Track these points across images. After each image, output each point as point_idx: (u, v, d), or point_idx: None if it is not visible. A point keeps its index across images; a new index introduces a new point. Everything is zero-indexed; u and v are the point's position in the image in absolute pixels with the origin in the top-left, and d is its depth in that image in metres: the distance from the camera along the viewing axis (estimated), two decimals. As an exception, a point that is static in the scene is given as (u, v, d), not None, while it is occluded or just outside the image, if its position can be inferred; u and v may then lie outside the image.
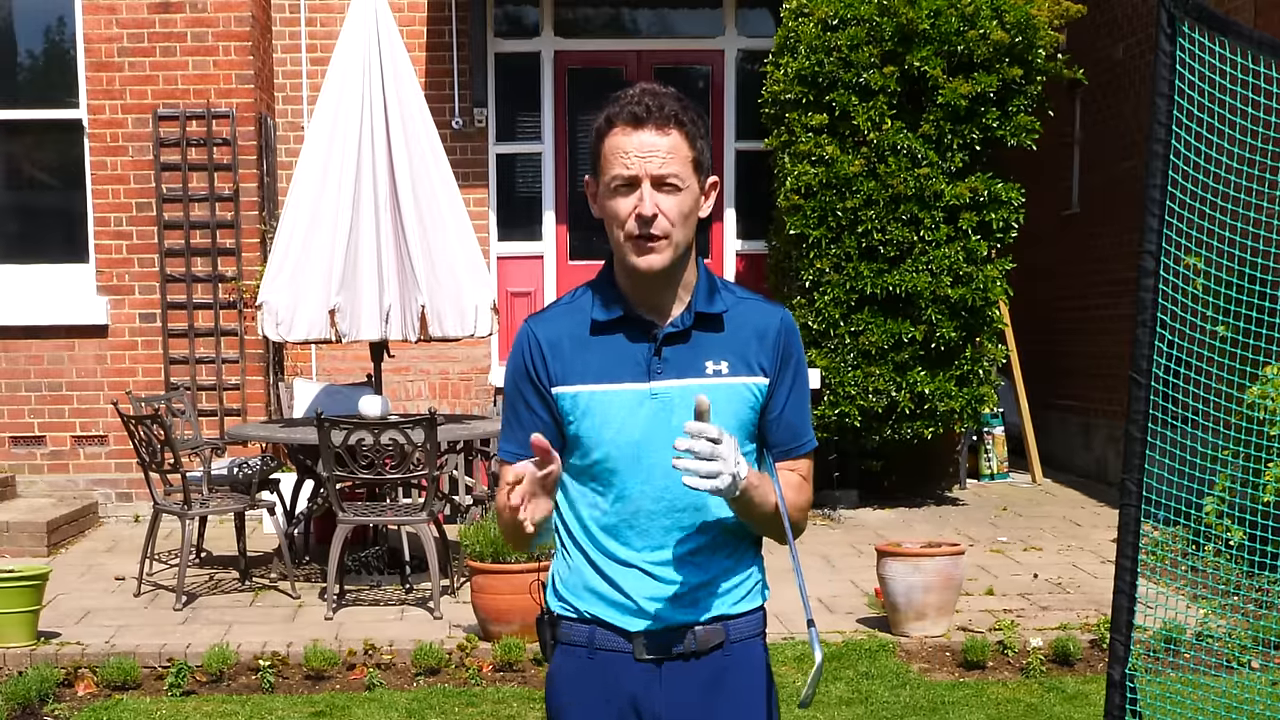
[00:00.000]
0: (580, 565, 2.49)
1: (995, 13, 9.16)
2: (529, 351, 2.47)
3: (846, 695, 5.73)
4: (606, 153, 2.39)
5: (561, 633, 2.51)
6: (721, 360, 2.43)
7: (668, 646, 2.44)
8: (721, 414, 2.38)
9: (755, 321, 2.48)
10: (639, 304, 2.44)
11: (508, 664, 6.07)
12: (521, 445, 2.44)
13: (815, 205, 9.20)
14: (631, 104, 2.37)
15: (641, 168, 2.35)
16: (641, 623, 2.44)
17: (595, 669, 2.46)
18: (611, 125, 2.38)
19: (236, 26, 9.63)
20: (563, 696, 2.51)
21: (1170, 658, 5.40)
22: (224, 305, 9.72)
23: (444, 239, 7.49)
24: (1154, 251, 3.39)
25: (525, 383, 2.47)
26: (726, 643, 2.47)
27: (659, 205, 2.35)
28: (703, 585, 2.45)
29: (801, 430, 2.53)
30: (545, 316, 2.51)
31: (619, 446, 2.41)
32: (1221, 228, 4.28)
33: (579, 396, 2.42)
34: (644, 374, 2.41)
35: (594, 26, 11.16)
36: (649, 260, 2.37)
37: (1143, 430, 3.42)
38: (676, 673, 2.45)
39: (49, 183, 10.23)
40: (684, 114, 2.38)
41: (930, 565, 6.25)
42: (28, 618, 6.30)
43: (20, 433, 9.65)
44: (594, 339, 2.44)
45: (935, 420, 9.42)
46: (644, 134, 2.35)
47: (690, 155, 2.38)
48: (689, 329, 2.44)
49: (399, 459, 6.92)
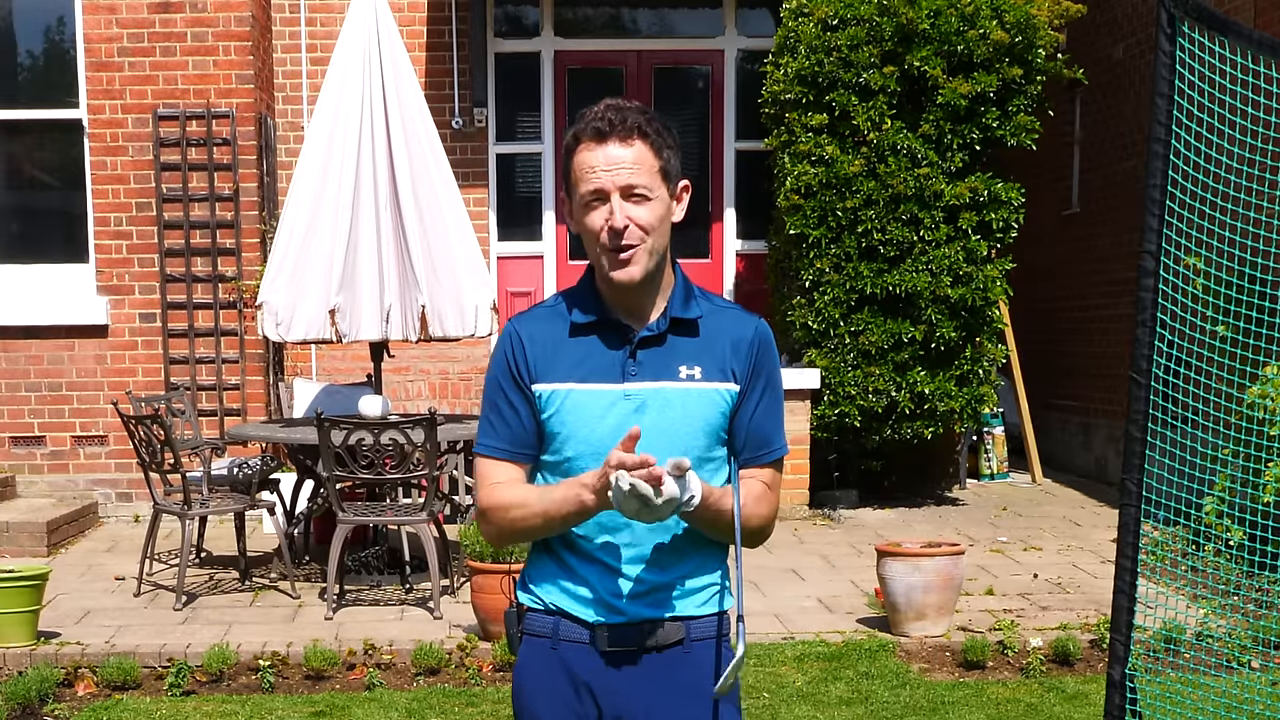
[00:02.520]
0: (548, 559, 2.57)
1: (995, 13, 9.16)
2: (512, 349, 2.54)
3: (846, 695, 5.73)
4: (575, 169, 2.46)
5: (527, 624, 2.58)
6: (695, 365, 2.50)
7: (627, 640, 2.51)
8: (691, 417, 2.49)
9: (731, 330, 2.55)
10: (617, 308, 2.52)
11: (508, 664, 6.06)
12: (499, 440, 2.54)
13: (815, 205, 9.19)
14: (595, 120, 2.45)
15: (609, 180, 2.42)
16: (603, 615, 2.51)
17: (557, 659, 2.54)
18: (578, 141, 2.46)
19: (236, 26, 9.63)
20: (526, 686, 2.59)
21: (1170, 658, 5.40)
22: (224, 305, 9.72)
23: (444, 239, 7.49)
24: (1154, 251, 3.39)
25: (507, 379, 2.54)
26: (687, 640, 2.53)
27: (630, 216, 2.43)
28: (665, 585, 2.52)
29: (769, 438, 2.58)
30: (528, 317, 2.59)
31: (589, 444, 2.47)
32: (1221, 228, 4.28)
33: (556, 394, 2.49)
34: (619, 375, 2.48)
35: (594, 26, 11.17)
36: (627, 273, 2.45)
37: (1143, 430, 3.42)
38: (635, 666, 2.52)
39: (49, 183, 10.23)
40: (647, 125, 2.45)
41: (930, 565, 6.25)
42: (28, 618, 6.30)
43: (20, 433, 9.65)
44: (572, 340, 2.52)
45: (935, 420, 9.41)
46: (609, 148, 2.43)
47: (656, 164, 2.46)
48: (664, 333, 2.51)
49: (399, 459, 6.92)
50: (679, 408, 2.48)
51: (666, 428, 2.46)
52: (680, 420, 2.48)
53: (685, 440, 2.47)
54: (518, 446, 2.54)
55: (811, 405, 9.25)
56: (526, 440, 2.53)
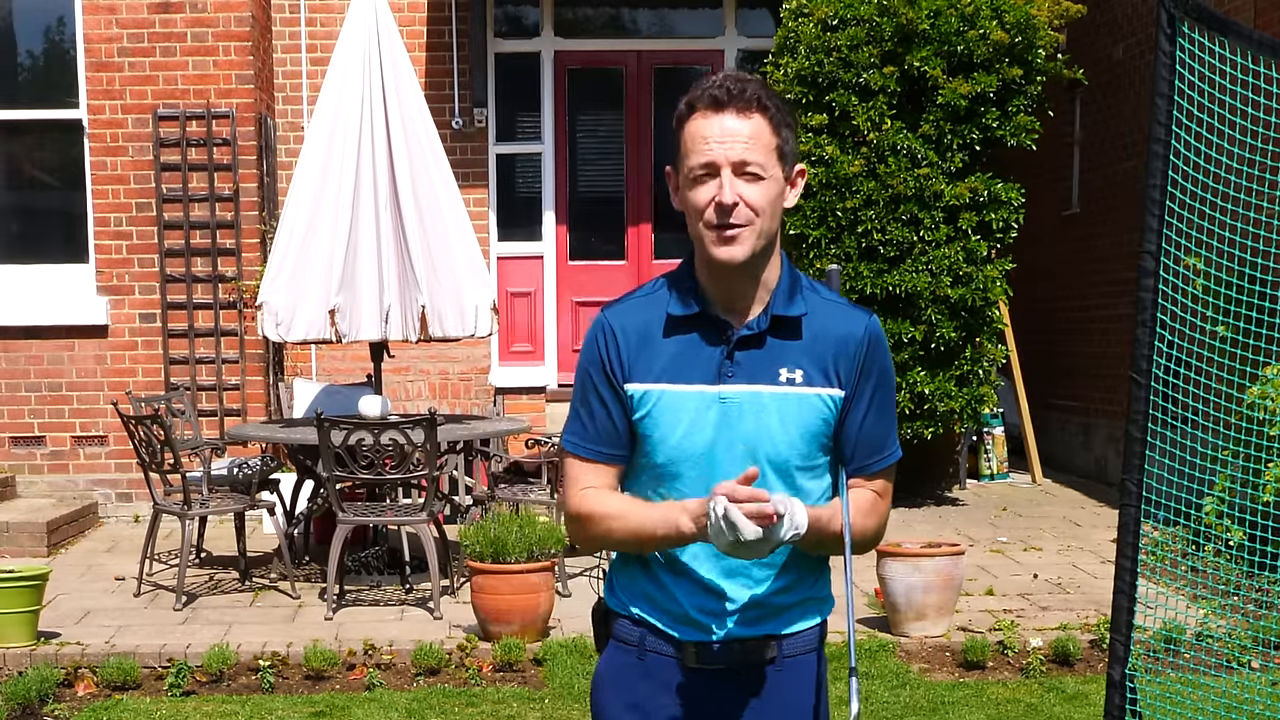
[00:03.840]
0: (636, 567, 2.44)
1: (995, 13, 9.16)
2: (604, 342, 2.38)
3: (846, 695, 5.71)
4: (686, 140, 2.29)
5: (615, 629, 2.46)
6: (797, 368, 2.34)
7: (717, 659, 2.38)
8: (789, 424, 2.33)
9: (837, 328, 2.37)
10: (717, 301, 2.35)
11: (507, 664, 6.07)
12: (590, 440, 2.39)
13: (815, 205, 9.19)
14: (713, 88, 2.28)
15: (723, 154, 2.25)
16: (692, 634, 2.38)
17: (644, 670, 2.42)
18: (692, 110, 2.29)
19: (236, 26, 9.63)
20: (608, 693, 2.47)
21: (1170, 658, 5.40)
22: (224, 305, 9.71)
23: (444, 239, 7.49)
24: (1154, 251, 3.39)
25: (599, 374, 2.38)
26: (779, 657, 2.41)
27: (740, 193, 2.25)
28: (758, 603, 2.38)
29: (882, 445, 2.41)
30: (621, 308, 2.42)
31: (683, 451, 2.34)
32: (1221, 228, 4.28)
33: (649, 394, 2.35)
34: (714, 376, 2.33)
35: (594, 26, 11.16)
36: (730, 251, 2.27)
37: (1143, 430, 3.42)
38: (725, 683, 2.39)
39: (49, 183, 10.23)
40: (768, 99, 2.28)
41: (930, 565, 6.25)
42: (28, 618, 6.29)
43: (20, 433, 9.65)
44: (667, 336, 2.36)
45: (935, 420, 9.41)
46: (725, 118, 2.26)
47: (774, 142, 2.29)
48: (764, 332, 2.34)
49: (399, 459, 6.92)
50: (775, 413, 2.32)
51: (764, 435, 2.32)
52: (777, 427, 2.32)
53: (784, 448, 2.33)
54: (610, 447, 2.38)
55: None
56: (618, 441, 2.38)
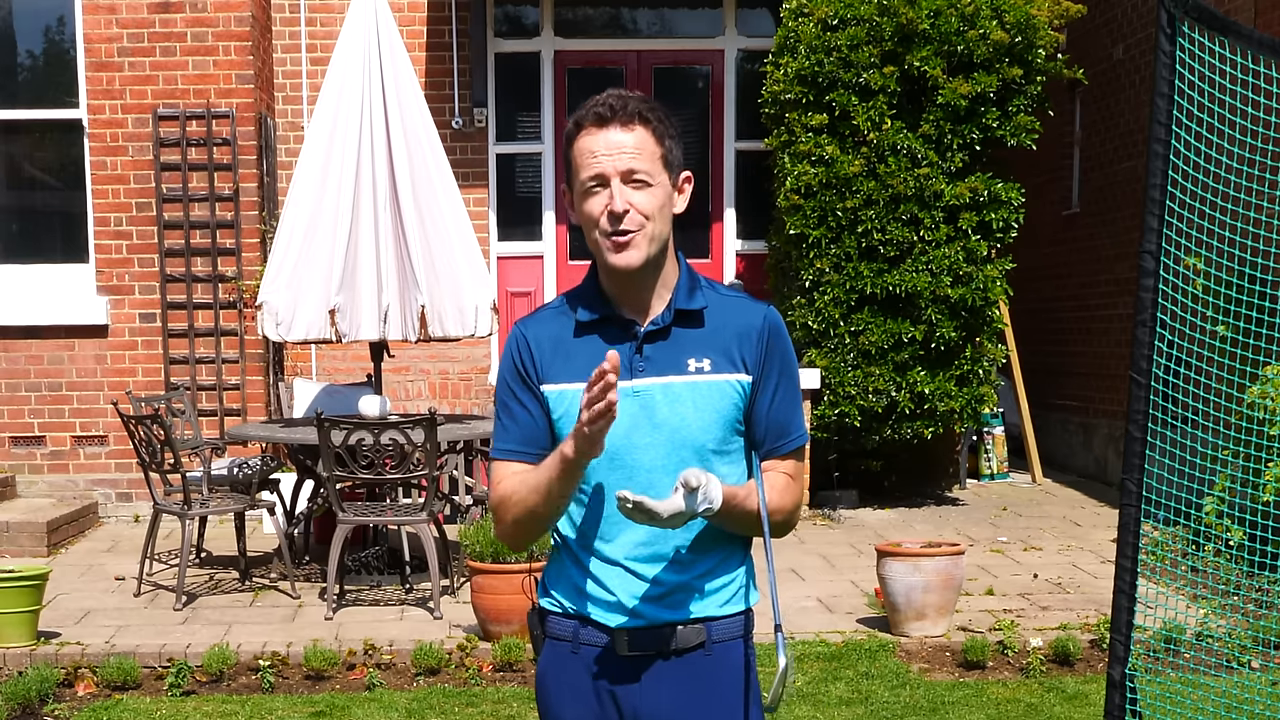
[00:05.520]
0: (567, 562, 2.54)
1: (995, 13, 9.16)
2: (519, 351, 2.51)
3: (846, 695, 5.73)
4: (576, 156, 2.43)
5: (549, 627, 2.55)
6: (704, 357, 2.46)
7: (648, 643, 2.47)
8: (703, 410, 2.44)
9: (738, 319, 2.50)
10: (621, 304, 2.48)
11: (508, 664, 6.07)
12: (516, 442, 2.50)
13: (815, 205, 9.19)
14: (596, 106, 2.42)
15: (610, 165, 2.38)
16: (623, 619, 2.47)
17: (579, 663, 2.51)
18: (579, 128, 2.43)
19: (236, 26, 9.63)
20: (549, 689, 2.56)
21: (1170, 658, 5.41)
22: (224, 305, 9.72)
23: (444, 239, 7.49)
24: (1154, 251, 3.39)
25: (517, 382, 2.51)
26: (708, 642, 2.50)
27: (630, 200, 2.39)
28: (685, 585, 2.48)
29: (789, 428, 2.53)
30: (534, 319, 2.56)
31: None
32: (1221, 228, 4.28)
33: (564, 394, 2.46)
34: (626, 372, 2.42)
35: (594, 26, 11.16)
36: (626, 257, 2.40)
37: (1143, 430, 3.42)
38: (656, 670, 2.48)
39: (49, 183, 10.23)
40: (649, 112, 2.42)
41: (930, 565, 6.25)
42: (28, 618, 6.30)
43: (20, 433, 9.65)
44: (578, 339, 2.48)
45: (935, 420, 9.41)
46: (610, 132, 2.39)
47: (658, 151, 2.42)
48: (669, 326, 2.47)
49: (399, 459, 6.92)
50: (689, 402, 2.44)
51: (678, 423, 2.43)
52: (692, 414, 2.43)
53: (699, 434, 2.44)
54: (529, 446, 2.49)
55: (811, 405, 9.25)
56: (538, 439, 2.48)
